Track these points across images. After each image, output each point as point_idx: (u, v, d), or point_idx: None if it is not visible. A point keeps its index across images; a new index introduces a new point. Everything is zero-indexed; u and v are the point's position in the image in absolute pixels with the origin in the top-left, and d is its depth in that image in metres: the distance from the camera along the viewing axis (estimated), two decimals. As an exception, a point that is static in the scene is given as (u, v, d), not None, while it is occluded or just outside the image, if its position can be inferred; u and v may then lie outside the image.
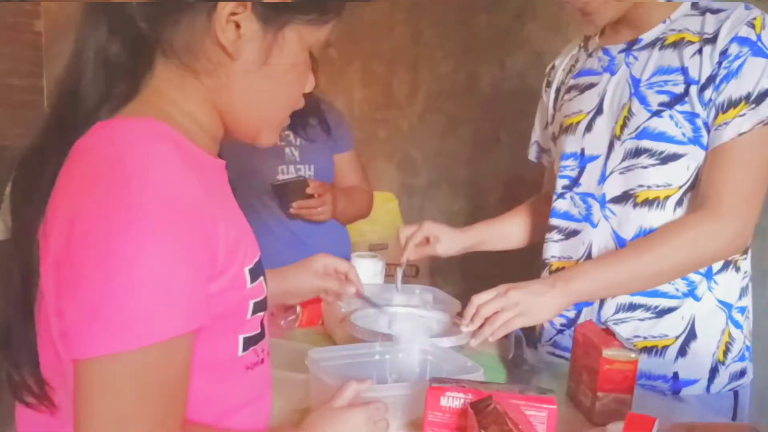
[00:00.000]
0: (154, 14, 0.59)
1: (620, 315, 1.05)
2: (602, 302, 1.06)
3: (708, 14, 0.98)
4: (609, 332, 0.94)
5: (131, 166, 0.53)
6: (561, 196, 1.13)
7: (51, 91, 0.62)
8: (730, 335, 1.03)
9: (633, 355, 0.88)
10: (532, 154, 1.31)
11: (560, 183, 1.13)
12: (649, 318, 1.03)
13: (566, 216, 1.12)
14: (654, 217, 1.01)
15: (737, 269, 1.03)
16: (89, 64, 0.60)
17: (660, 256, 0.97)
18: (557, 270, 1.14)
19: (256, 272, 0.62)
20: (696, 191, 0.99)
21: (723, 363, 1.03)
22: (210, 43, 0.59)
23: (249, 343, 0.63)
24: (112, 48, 0.60)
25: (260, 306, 0.64)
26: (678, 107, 0.98)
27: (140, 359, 0.51)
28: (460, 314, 1.05)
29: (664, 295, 1.02)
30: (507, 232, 1.29)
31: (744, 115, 0.93)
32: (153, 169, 0.53)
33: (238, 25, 0.58)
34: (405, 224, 1.23)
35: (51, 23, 3.36)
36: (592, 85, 1.10)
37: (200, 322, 0.55)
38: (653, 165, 1.00)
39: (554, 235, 1.14)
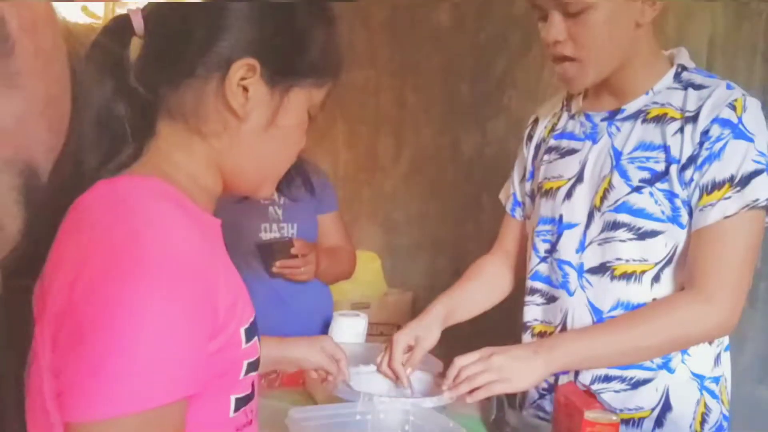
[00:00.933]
0: (164, 78, 0.61)
1: (596, 386, 1.04)
2: (578, 371, 1.05)
3: (690, 89, 0.99)
4: (590, 394, 0.95)
5: (136, 223, 0.52)
6: (543, 260, 1.12)
7: None
8: (705, 406, 1.02)
9: (614, 417, 0.88)
10: (508, 206, 1.27)
11: (542, 246, 1.12)
12: (624, 390, 1.03)
13: (547, 280, 1.12)
14: (631, 292, 1.01)
15: (710, 341, 1.03)
16: (92, 125, 0.60)
17: (647, 332, 0.96)
18: (540, 334, 1.13)
19: (251, 332, 0.61)
20: (675, 268, 1.00)
21: None
22: (219, 106, 0.60)
23: (240, 403, 0.61)
24: (117, 109, 0.61)
25: (253, 366, 0.63)
26: (658, 185, 0.98)
27: (140, 423, 0.49)
28: (443, 374, 1.04)
29: (639, 366, 1.02)
30: (473, 306, 1.23)
31: (729, 198, 0.93)
32: (158, 226, 0.53)
33: (246, 89, 0.60)
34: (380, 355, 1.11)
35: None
36: (573, 151, 1.10)
37: (201, 385, 0.54)
38: (631, 239, 1.00)
39: (536, 299, 1.14)
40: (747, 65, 1.60)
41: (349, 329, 1.38)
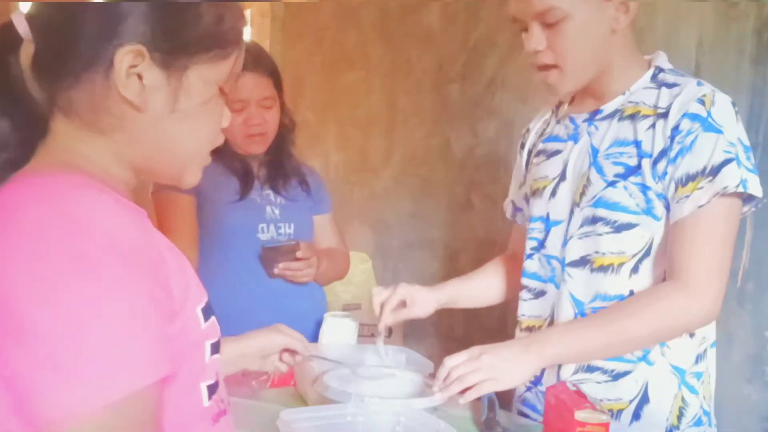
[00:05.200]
0: (56, 79, 0.58)
1: (578, 376, 1.06)
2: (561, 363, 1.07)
3: (663, 88, 1.03)
4: (581, 394, 0.95)
5: (68, 217, 0.50)
6: (530, 256, 1.16)
7: None
8: (683, 400, 1.03)
9: (604, 417, 0.89)
10: (508, 212, 1.33)
11: (529, 244, 1.17)
12: (606, 381, 1.04)
13: (535, 276, 1.16)
14: (608, 283, 1.04)
15: (691, 335, 1.04)
16: None
17: (634, 323, 0.98)
18: (527, 328, 1.16)
19: (207, 312, 0.61)
20: (653, 259, 1.02)
21: (677, 427, 1.03)
22: (113, 99, 0.58)
23: (210, 391, 0.61)
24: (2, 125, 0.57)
25: (216, 347, 0.62)
26: (632, 179, 1.02)
27: (112, 413, 0.48)
28: (433, 375, 1.05)
29: (620, 359, 1.03)
30: (479, 290, 1.31)
31: (702, 188, 0.96)
32: (94, 216, 0.51)
33: (140, 77, 0.58)
34: (377, 287, 1.24)
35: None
36: (557, 152, 1.15)
37: (168, 368, 0.53)
38: (608, 233, 1.04)
39: (525, 294, 1.18)
40: (735, 67, 1.62)
41: (340, 330, 1.37)
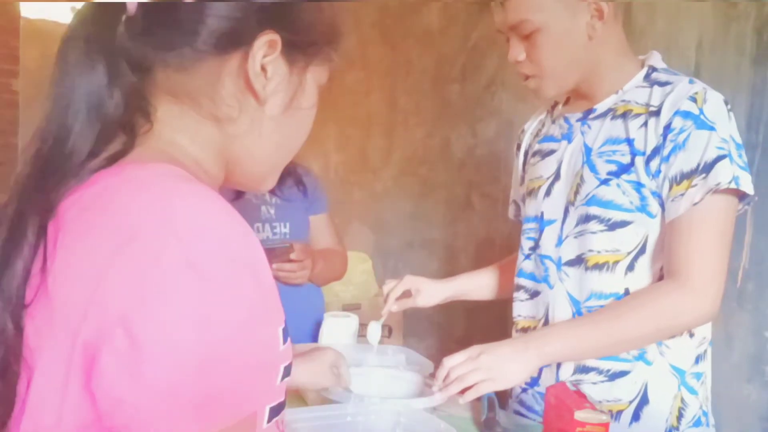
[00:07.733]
0: (169, 60, 0.52)
1: (576, 376, 1.05)
2: (560, 363, 1.07)
3: (656, 87, 1.03)
4: (580, 394, 0.95)
5: (183, 218, 0.45)
6: (527, 257, 1.16)
7: (29, 145, 0.52)
8: (683, 400, 1.03)
9: (605, 417, 0.88)
10: (511, 212, 1.34)
11: (527, 244, 1.17)
12: (602, 381, 1.04)
13: (531, 276, 1.15)
14: (604, 281, 1.04)
15: (691, 335, 1.04)
16: (80, 115, 0.51)
17: (633, 322, 0.98)
18: (523, 329, 1.16)
19: (286, 333, 0.54)
20: (649, 257, 1.02)
21: (677, 428, 1.03)
22: (238, 88, 0.54)
23: (273, 413, 0.53)
24: (112, 97, 0.52)
25: (288, 371, 0.55)
26: (625, 176, 1.02)
27: None
28: (433, 375, 1.05)
29: (616, 358, 1.03)
30: (487, 283, 1.33)
31: (696, 186, 0.96)
32: (209, 219, 0.46)
33: (264, 69, 0.54)
34: (387, 280, 1.27)
35: (29, 83, 3.39)
36: (552, 152, 1.15)
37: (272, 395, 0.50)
38: (602, 231, 1.03)
39: (521, 295, 1.17)
40: (735, 67, 1.62)
41: (340, 330, 1.38)
